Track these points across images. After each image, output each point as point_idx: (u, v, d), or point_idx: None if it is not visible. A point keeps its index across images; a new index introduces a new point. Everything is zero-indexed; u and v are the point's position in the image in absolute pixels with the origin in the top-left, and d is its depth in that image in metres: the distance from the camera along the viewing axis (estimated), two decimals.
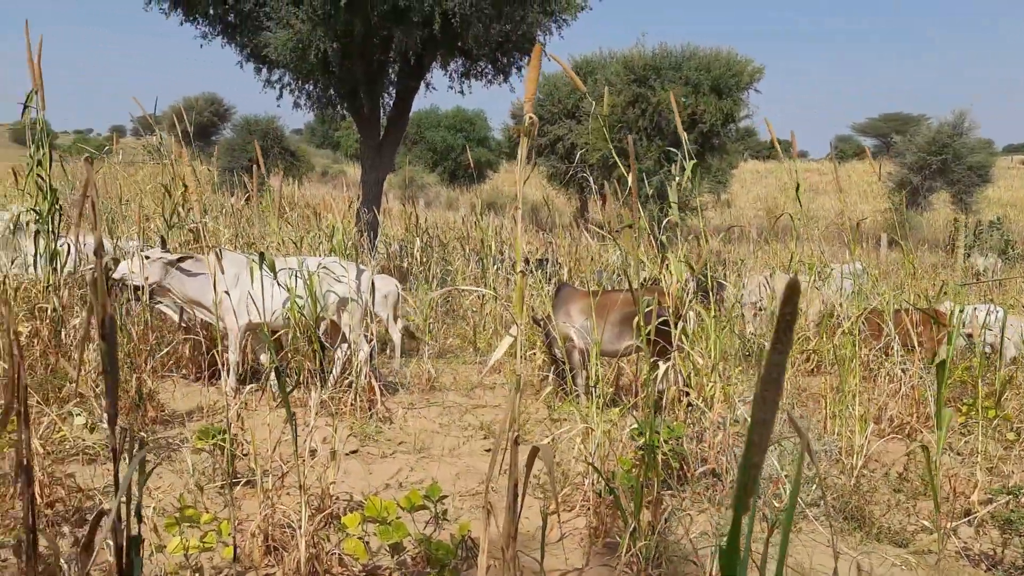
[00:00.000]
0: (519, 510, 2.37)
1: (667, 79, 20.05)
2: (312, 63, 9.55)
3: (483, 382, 6.56)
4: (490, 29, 9.53)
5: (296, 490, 3.80)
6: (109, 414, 1.59)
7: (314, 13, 9.13)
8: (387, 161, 11.46)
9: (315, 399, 3.43)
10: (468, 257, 9.21)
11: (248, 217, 9.83)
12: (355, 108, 10.99)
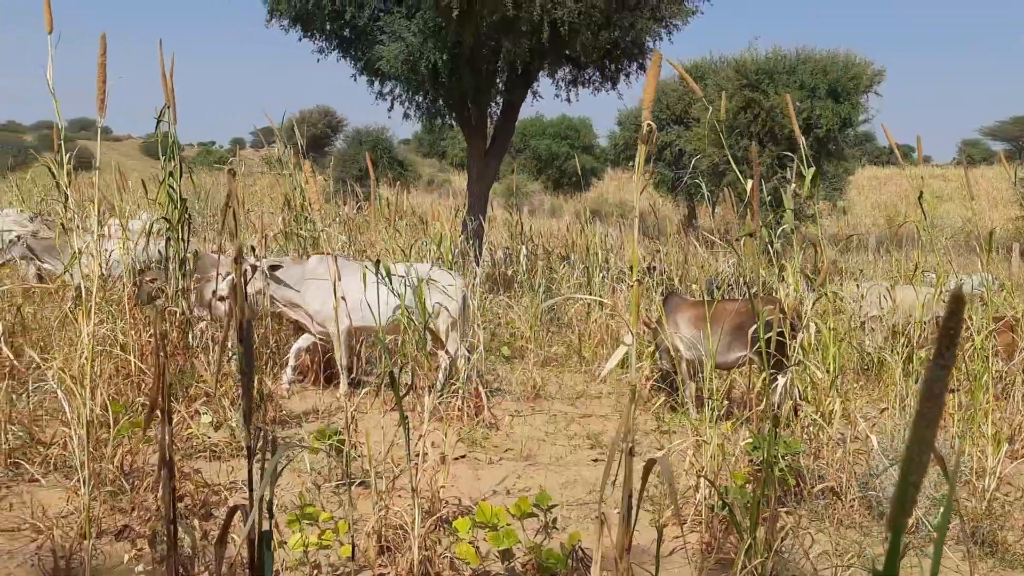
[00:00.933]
0: (634, 522, 2.34)
1: (781, 83, 19.50)
2: (422, 74, 9.77)
3: (589, 391, 6.52)
4: (598, 36, 9.51)
5: (407, 492, 3.88)
6: (245, 414, 1.66)
7: (425, 26, 9.34)
8: (493, 169, 11.59)
9: (428, 404, 3.48)
10: (573, 265, 9.19)
11: (359, 225, 10.13)
12: (463, 118, 11.17)
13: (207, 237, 10.52)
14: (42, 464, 3.99)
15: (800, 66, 19.88)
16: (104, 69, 2.49)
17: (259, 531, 1.70)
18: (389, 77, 10.36)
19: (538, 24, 8.99)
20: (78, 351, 4.14)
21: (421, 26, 9.33)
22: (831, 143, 19.56)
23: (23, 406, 4.35)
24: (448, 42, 9.32)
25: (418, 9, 9.45)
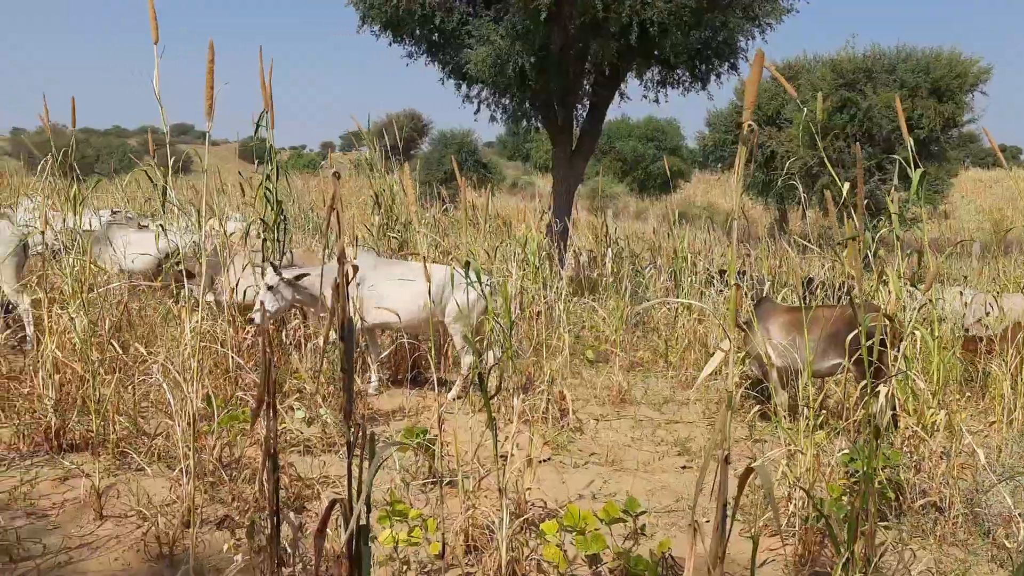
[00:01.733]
0: (728, 532, 2.28)
1: (880, 82, 18.83)
2: (509, 77, 9.81)
3: (675, 397, 6.43)
4: (689, 36, 9.38)
5: (494, 493, 3.90)
6: (345, 411, 1.69)
7: (513, 29, 9.38)
8: (578, 172, 11.55)
9: (517, 406, 3.49)
10: (659, 268, 9.08)
11: (444, 228, 10.25)
12: (549, 120, 11.18)
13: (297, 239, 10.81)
14: (146, 454, 4.16)
15: (900, 64, 19.16)
16: (212, 75, 2.59)
17: (357, 525, 1.73)
18: (476, 80, 10.45)
19: (627, 25, 8.92)
20: (181, 346, 4.32)
21: (509, 29, 9.38)
22: (933, 144, 18.78)
23: (129, 398, 4.55)
24: (536, 45, 9.35)
25: (506, 12, 9.51)
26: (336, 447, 4.66)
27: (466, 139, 29.49)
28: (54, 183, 6.79)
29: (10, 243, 6.40)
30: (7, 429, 4.47)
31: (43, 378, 4.51)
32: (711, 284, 8.13)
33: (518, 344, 6.15)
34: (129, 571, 3.20)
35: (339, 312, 1.69)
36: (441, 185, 18.50)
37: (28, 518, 3.61)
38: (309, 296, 5.92)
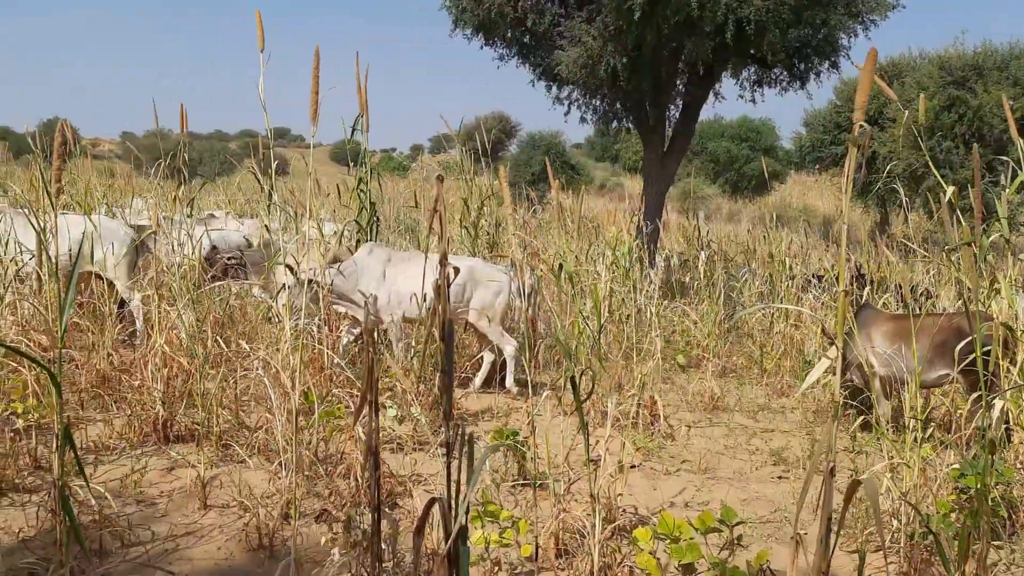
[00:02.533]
0: (833, 546, 2.20)
1: (991, 80, 17.90)
2: (601, 78, 9.75)
3: (771, 405, 6.26)
4: (787, 34, 9.13)
5: (584, 497, 3.87)
6: (445, 411, 1.70)
7: (605, 29, 9.32)
8: (670, 173, 11.39)
9: (611, 411, 3.46)
10: (754, 272, 8.86)
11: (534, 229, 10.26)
12: (640, 121, 11.06)
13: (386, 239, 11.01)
14: (247, 447, 4.30)
15: (1014, 61, 18.17)
16: (317, 81, 2.66)
17: (456, 524, 1.74)
18: (567, 82, 10.43)
19: (722, 23, 8.74)
20: (281, 343, 4.46)
21: (601, 30, 9.33)
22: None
23: (231, 392, 4.71)
24: (629, 45, 9.26)
25: (599, 13, 9.46)
26: (426, 445, 4.72)
27: (554, 141, 29.48)
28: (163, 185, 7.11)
29: (124, 242, 6.74)
30: (119, 419, 4.69)
31: (152, 371, 4.72)
32: (808, 289, 7.88)
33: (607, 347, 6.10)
34: (231, 560, 3.32)
35: (440, 313, 1.70)
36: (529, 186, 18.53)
37: (138, 505, 3.78)
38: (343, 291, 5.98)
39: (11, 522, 3.46)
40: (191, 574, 3.16)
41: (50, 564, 2.82)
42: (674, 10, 8.67)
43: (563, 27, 9.93)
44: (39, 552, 3.08)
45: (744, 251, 10.32)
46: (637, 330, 6.27)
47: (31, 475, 3.99)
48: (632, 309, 6.38)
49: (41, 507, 3.45)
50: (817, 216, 26.62)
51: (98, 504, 3.42)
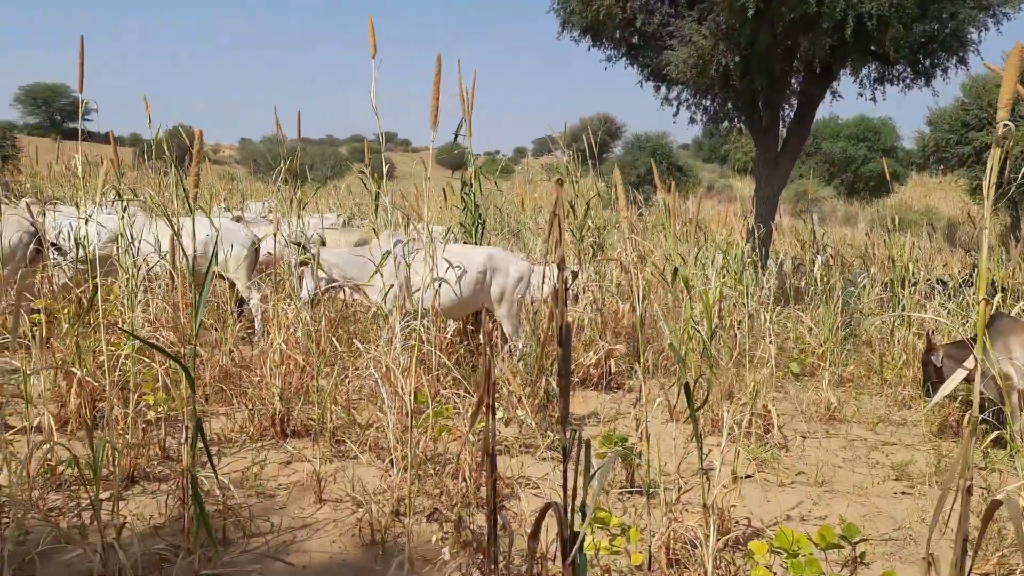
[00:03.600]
0: (970, 567, 2.07)
1: None
2: (712, 78, 9.54)
3: (891, 417, 5.97)
4: (911, 29, 8.68)
5: (695, 506, 3.78)
6: (562, 416, 1.68)
7: (717, 28, 9.11)
8: (783, 174, 11.03)
9: (727, 419, 3.36)
10: (872, 277, 8.48)
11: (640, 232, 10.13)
12: (753, 121, 10.76)
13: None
14: (359, 443, 4.41)
15: None
16: (438, 87, 2.70)
17: (572, 531, 1.72)
18: (677, 82, 10.24)
19: (841, 19, 8.39)
20: (392, 344, 4.55)
21: (713, 29, 9.12)
22: None
23: (344, 390, 4.84)
24: (741, 43, 9.02)
25: (710, 12, 9.25)
26: (532, 448, 4.72)
27: (660, 142, 29.06)
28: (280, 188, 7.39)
29: (244, 243, 7.04)
30: (240, 414, 4.90)
31: (270, 368, 4.91)
32: (932, 296, 7.47)
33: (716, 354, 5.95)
34: (345, 555, 3.40)
35: (557, 317, 1.68)
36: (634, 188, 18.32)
37: (258, 497, 3.93)
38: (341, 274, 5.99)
39: (143, 509, 3.66)
40: (308, 566, 3.26)
41: (179, 551, 2.96)
42: (790, 7, 8.39)
43: (673, 27, 9.77)
44: (168, 539, 3.24)
45: (862, 255, 9.88)
46: (749, 336, 6.09)
47: (160, 464, 4.21)
48: (744, 314, 6.20)
49: (170, 496, 3.63)
50: (941, 219, 25.27)
51: (222, 495, 3.57)
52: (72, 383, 4.43)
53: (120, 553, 2.60)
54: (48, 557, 3.06)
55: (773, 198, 10.88)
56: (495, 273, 5.95)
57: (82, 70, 4.63)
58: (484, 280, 5.91)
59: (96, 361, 4.76)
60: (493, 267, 5.95)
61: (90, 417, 4.43)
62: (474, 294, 5.88)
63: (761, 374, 5.39)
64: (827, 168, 30.25)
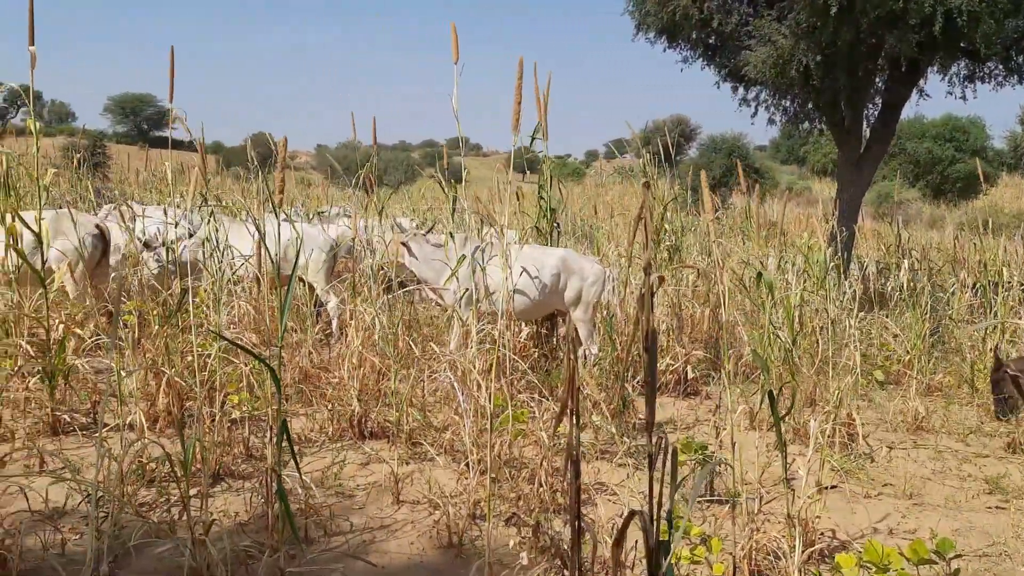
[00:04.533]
0: None
1: None
2: (792, 78, 9.31)
3: (984, 428, 5.71)
4: (1003, 25, 8.32)
5: (775, 517, 3.69)
6: (648, 423, 1.66)
7: (798, 27, 8.90)
8: (866, 176, 10.69)
9: (814, 428, 3.26)
10: (963, 282, 8.14)
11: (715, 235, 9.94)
12: (834, 121, 10.47)
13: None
14: (434, 445, 4.44)
15: None
16: (520, 91, 2.70)
17: (658, 540, 1.69)
18: (756, 82, 10.05)
19: (929, 15, 8.09)
20: (468, 346, 4.57)
21: (793, 28, 8.90)
22: None
23: (420, 392, 4.88)
24: (823, 42, 8.78)
25: (791, 10, 9.04)
26: (608, 454, 4.68)
27: (736, 143, 28.50)
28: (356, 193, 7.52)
29: (323, 247, 7.19)
30: (319, 414, 4.99)
31: (348, 370, 4.99)
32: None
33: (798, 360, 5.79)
34: (423, 556, 3.42)
35: (643, 322, 1.66)
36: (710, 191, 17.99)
37: (337, 497, 3.99)
38: (418, 268, 6.05)
39: (228, 505, 3.76)
40: (388, 567, 3.29)
41: (264, 548, 3.03)
42: (875, 4, 8.13)
43: (751, 26, 9.58)
44: (253, 536, 3.32)
45: (950, 259, 9.49)
46: (832, 343, 5.92)
47: (244, 462, 4.32)
48: (826, 320, 6.02)
49: (254, 493, 3.72)
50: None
51: (304, 494, 3.64)
52: (161, 383, 4.58)
53: (211, 548, 2.67)
54: (140, 550, 3.17)
55: (856, 200, 10.56)
56: (570, 276, 5.91)
57: (172, 80, 4.80)
58: (558, 283, 5.88)
59: (184, 361, 4.93)
60: (568, 270, 5.91)
61: (178, 416, 4.58)
62: (547, 297, 5.85)
63: (845, 382, 5.22)
64: (912, 169, 29.19)
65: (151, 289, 6.00)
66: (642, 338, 1.66)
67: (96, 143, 26.38)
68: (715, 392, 6.20)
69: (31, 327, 5.00)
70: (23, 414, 4.54)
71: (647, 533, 1.67)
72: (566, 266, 5.91)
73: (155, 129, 58.40)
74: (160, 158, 14.59)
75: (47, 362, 4.60)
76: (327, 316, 7.04)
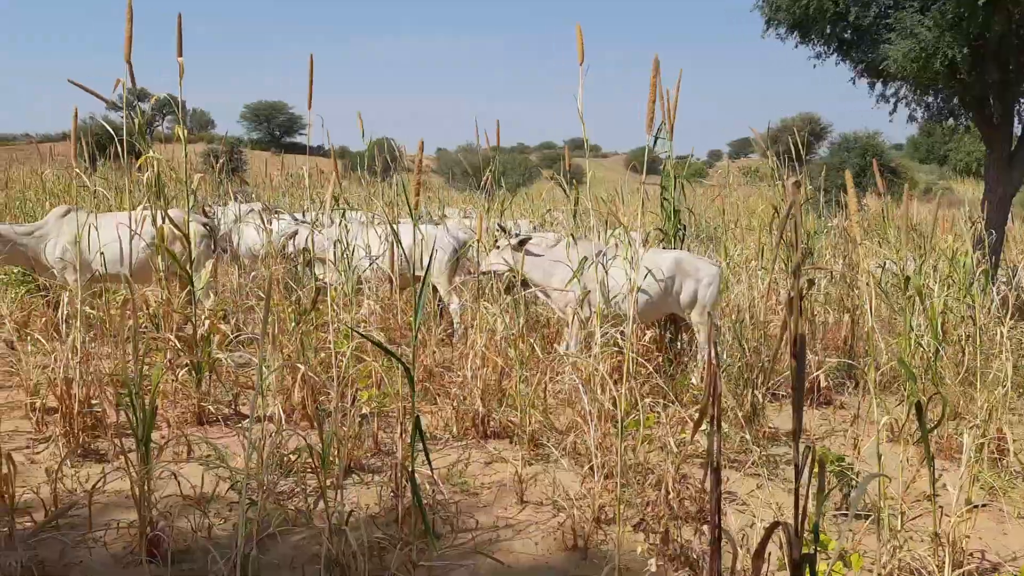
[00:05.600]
0: None
1: None
2: (936, 72, 8.79)
3: None
4: None
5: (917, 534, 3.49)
6: (794, 431, 1.59)
7: (943, 19, 8.39)
8: (1017, 176, 9.96)
9: (967, 442, 3.07)
10: None
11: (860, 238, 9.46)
12: (983, 118, 9.82)
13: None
14: (557, 447, 4.43)
15: None
16: (655, 89, 2.67)
17: (802, 551, 1.62)
18: (895, 77, 9.56)
19: None
20: (593, 351, 4.55)
21: (937, 19, 8.40)
22: None
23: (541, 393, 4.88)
24: (971, 34, 8.24)
25: (935, 1, 8.54)
26: (737, 463, 4.55)
27: (870, 142, 27.22)
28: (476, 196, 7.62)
29: (447, 249, 7.33)
30: (443, 412, 5.08)
31: (471, 370, 5.06)
32: None
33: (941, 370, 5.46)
34: (548, 558, 3.42)
35: (791, 327, 1.59)
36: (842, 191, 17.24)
37: (462, 494, 4.05)
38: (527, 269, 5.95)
39: (359, 498, 3.88)
40: (515, 566, 3.31)
41: (395, 540, 3.10)
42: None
43: (891, 19, 9.11)
44: (383, 528, 3.41)
45: None
46: (979, 353, 5.54)
47: (373, 456, 4.45)
48: (973, 329, 5.65)
49: (384, 487, 3.82)
50: None
51: (432, 490, 3.71)
52: (296, 377, 4.79)
53: (350, 537, 2.76)
54: (276, 538, 3.32)
55: (1005, 201, 9.87)
56: (685, 278, 5.77)
57: (311, 88, 5.00)
58: (672, 286, 5.76)
59: (317, 357, 5.13)
60: (682, 272, 5.77)
61: (312, 410, 4.77)
62: (661, 300, 5.73)
63: (995, 394, 4.87)
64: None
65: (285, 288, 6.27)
66: (790, 344, 1.60)
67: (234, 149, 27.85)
68: (850, 402, 5.93)
69: (179, 323, 5.32)
70: (173, 404, 4.83)
71: (792, 546, 1.61)
72: (680, 268, 5.77)
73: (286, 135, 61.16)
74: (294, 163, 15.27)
75: (195, 356, 4.89)
76: (449, 316, 7.16)
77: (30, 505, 3.47)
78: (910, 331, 5.09)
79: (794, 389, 1.58)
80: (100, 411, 4.40)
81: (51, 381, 4.43)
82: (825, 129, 36.38)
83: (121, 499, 3.62)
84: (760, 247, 7.07)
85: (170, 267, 5.20)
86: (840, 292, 6.78)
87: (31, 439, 4.47)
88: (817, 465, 1.61)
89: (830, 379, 6.09)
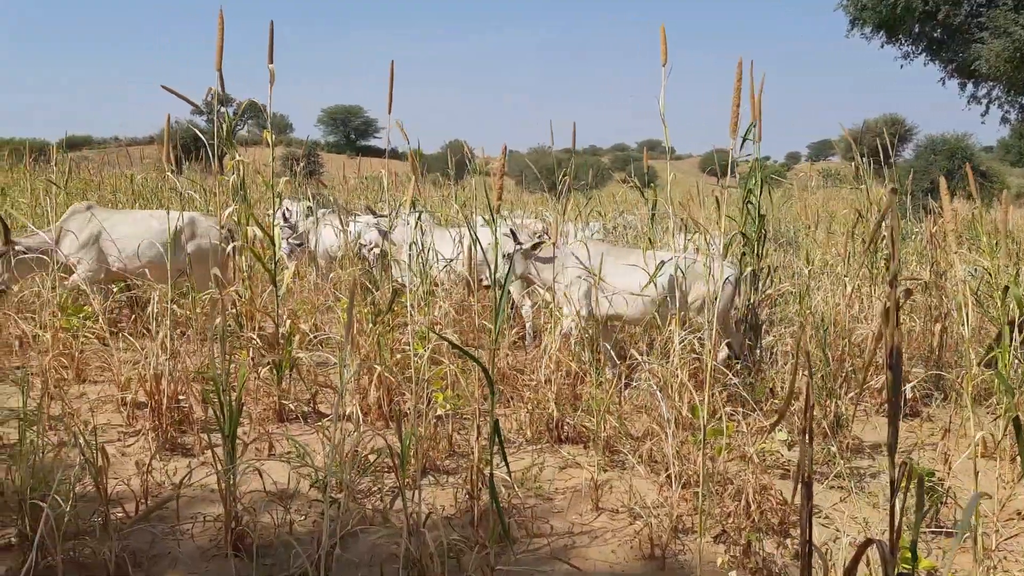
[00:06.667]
0: None
1: None
2: None
3: None
4: None
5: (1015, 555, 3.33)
6: (889, 446, 1.53)
7: None
8: None
9: None
10: None
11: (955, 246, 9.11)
12: None
13: None
14: (634, 454, 4.38)
15: None
16: (739, 93, 2.62)
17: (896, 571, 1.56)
18: (988, 77, 9.18)
19: None
20: (670, 357, 4.49)
21: None
22: None
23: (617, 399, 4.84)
24: None
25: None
26: (820, 475, 4.41)
27: (959, 144, 26.16)
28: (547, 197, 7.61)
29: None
30: (516, 416, 5.07)
31: (545, 373, 5.05)
32: None
33: None
34: (625, 566, 3.38)
35: (887, 338, 1.54)
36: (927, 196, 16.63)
37: (537, 498, 4.04)
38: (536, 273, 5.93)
39: (434, 499, 3.91)
40: (591, 573, 3.29)
41: (470, 542, 3.11)
42: None
43: (984, 18, 8.77)
44: (459, 530, 3.43)
45: None
46: None
47: (448, 458, 4.48)
48: None
49: (459, 489, 3.85)
50: None
51: (507, 493, 3.71)
52: (373, 377, 4.86)
53: (428, 538, 2.78)
54: (356, 536, 3.37)
55: None
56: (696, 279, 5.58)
57: (391, 93, 5.08)
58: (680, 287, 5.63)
59: (393, 358, 5.19)
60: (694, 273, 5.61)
61: (388, 410, 4.84)
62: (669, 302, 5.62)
63: None
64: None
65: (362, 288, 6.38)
66: (885, 355, 1.54)
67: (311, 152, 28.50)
68: (937, 414, 5.70)
69: (261, 322, 5.47)
70: (255, 401, 4.96)
71: (887, 563, 1.55)
72: (692, 270, 5.63)
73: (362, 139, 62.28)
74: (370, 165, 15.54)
75: (276, 354, 5.02)
76: (521, 320, 7.17)
77: (122, 496, 3.61)
78: (1009, 343, 4.86)
79: (890, 402, 1.52)
80: (187, 407, 4.55)
81: (141, 377, 4.60)
82: (910, 131, 35.09)
83: (207, 493, 3.73)
84: (846, 253, 6.85)
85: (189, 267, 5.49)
86: (929, 301, 6.52)
87: (122, 432, 4.65)
88: (915, 481, 1.55)
89: (916, 390, 5.86)
